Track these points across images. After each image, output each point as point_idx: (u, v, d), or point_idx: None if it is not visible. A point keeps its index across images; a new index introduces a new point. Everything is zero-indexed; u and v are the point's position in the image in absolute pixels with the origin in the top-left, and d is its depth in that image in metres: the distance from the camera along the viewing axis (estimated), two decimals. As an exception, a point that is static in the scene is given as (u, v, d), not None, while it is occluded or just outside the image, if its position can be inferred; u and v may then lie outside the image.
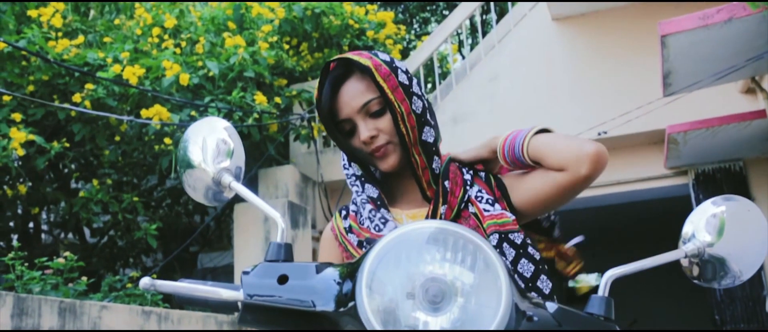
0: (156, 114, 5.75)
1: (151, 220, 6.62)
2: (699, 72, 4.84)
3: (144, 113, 5.81)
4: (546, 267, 1.36)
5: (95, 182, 6.34)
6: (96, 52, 6.18)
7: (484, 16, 10.55)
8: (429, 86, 8.60)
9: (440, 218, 1.33)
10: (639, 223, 9.06)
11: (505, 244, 1.34)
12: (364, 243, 1.40)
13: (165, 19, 6.65)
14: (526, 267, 1.33)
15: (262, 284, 0.95)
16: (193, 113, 6.11)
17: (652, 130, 5.98)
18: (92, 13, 7.23)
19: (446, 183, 1.39)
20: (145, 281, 0.92)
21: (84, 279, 5.12)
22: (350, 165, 1.45)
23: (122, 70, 5.86)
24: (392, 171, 1.40)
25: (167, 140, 5.95)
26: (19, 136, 5.33)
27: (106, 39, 6.58)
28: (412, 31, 13.20)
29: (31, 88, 6.05)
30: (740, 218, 1.11)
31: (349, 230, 1.45)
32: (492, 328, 0.80)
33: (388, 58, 1.39)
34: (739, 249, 1.11)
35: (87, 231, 7.53)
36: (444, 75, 8.67)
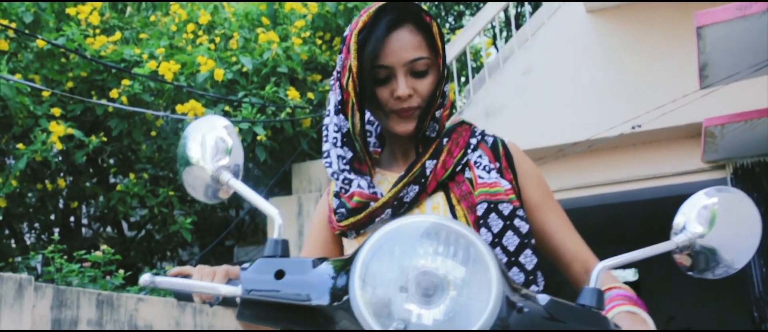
0: (191, 109, 5.83)
1: (186, 214, 6.71)
2: (737, 64, 4.75)
3: (179, 108, 5.89)
4: (533, 241, 1.30)
5: (132, 176, 6.45)
6: (132, 48, 6.29)
7: (518, 9, 10.48)
8: (462, 79, 8.57)
9: (428, 175, 1.30)
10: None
11: (492, 214, 1.28)
12: (336, 210, 1.36)
13: (200, 15, 6.73)
14: (510, 240, 1.28)
15: (259, 279, 0.96)
16: (227, 108, 6.19)
17: (689, 123, 5.88)
18: (129, 10, 7.35)
19: (445, 141, 1.34)
20: (145, 277, 0.93)
21: (121, 272, 5.22)
22: (338, 114, 1.35)
23: (158, 66, 5.95)
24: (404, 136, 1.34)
25: (202, 135, 6.02)
26: (58, 129, 5.45)
27: (142, 35, 6.69)
28: (447, 25, 13.16)
29: (70, 84, 6.18)
30: (732, 209, 1.11)
31: (336, 194, 1.38)
32: (482, 319, 0.81)
33: (436, 20, 1.34)
34: (731, 239, 1.10)
35: (125, 225, 7.67)
36: (477, 68, 8.63)
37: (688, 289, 10.18)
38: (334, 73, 1.37)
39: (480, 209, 1.29)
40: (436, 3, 12.60)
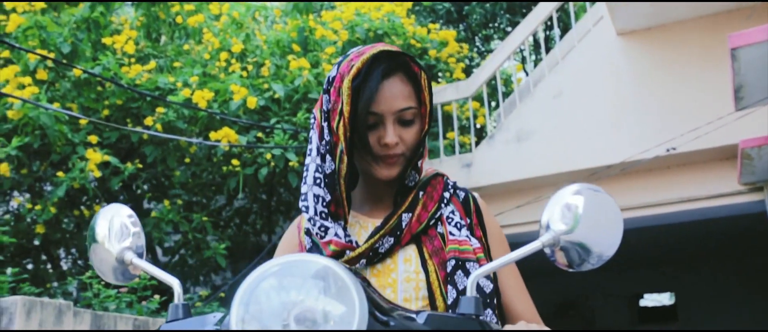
0: (224, 136, 5.91)
1: (220, 239, 6.77)
2: (772, 85, 4.70)
3: (212, 135, 5.97)
4: (495, 300, 1.33)
5: (166, 202, 6.53)
6: (167, 76, 6.40)
7: (547, 33, 10.47)
8: (493, 104, 8.57)
9: (403, 227, 1.34)
10: (711, 241, 8.80)
11: (459, 271, 1.31)
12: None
13: (232, 43, 6.83)
14: None
15: None
16: (259, 134, 6.25)
17: (724, 145, 5.81)
18: (163, 38, 7.49)
19: (420, 194, 1.37)
20: None
21: (157, 297, 5.27)
22: (321, 156, 1.36)
23: (192, 94, 6.04)
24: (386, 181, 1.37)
25: (235, 162, 6.10)
26: (95, 157, 5.55)
27: (176, 64, 6.80)
28: (475, 49, 13.19)
29: (105, 112, 6.30)
30: (592, 204, 1.16)
31: (307, 232, 1.40)
32: None
33: (425, 70, 1.38)
34: (595, 233, 1.15)
35: (159, 250, 7.76)
36: (507, 93, 8.63)
37: (724, 315, 9.99)
38: (315, 112, 1.38)
39: (449, 266, 1.31)
40: (464, 28, 12.64)
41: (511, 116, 6.88)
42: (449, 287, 1.29)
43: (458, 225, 1.36)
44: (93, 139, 5.80)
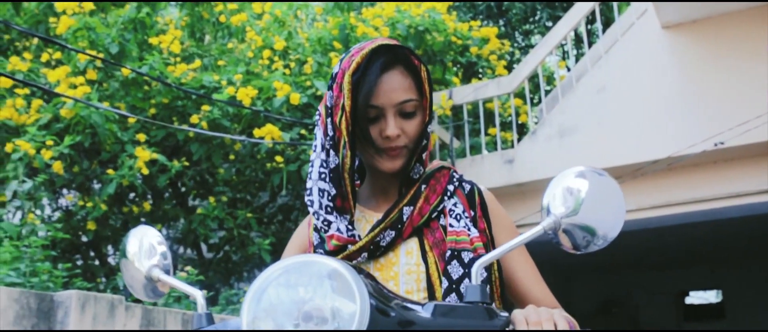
0: (268, 133, 5.98)
1: (263, 235, 6.85)
2: (825, 77, 4.59)
3: (256, 132, 6.05)
4: (495, 289, 1.35)
5: (212, 199, 6.63)
6: (211, 75, 6.50)
7: (589, 27, 10.36)
8: (535, 99, 8.51)
9: (404, 220, 1.36)
10: (760, 237, 8.62)
11: (454, 261, 1.33)
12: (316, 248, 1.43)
13: (274, 41, 6.91)
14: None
15: None
16: (302, 131, 6.31)
17: (774, 139, 5.70)
18: (207, 38, 7.60)
19: (423, 187, 1.39)
20: None
21: (204, 291, 5.36)
22: (325, 151, 1.38)
23: (236, 92, 6.13)
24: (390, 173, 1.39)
25: (279, 158, 6.17)
26: (144, 155, 5.67)
27: (220, 62, 6.90)
28: (516, 44, 13.11)
29: (152, 111, 6.43)
30: (593, 186, 1.17)
31: (316, 228, 1.44)
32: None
33: (423, 61, 1.39)
34: (598, 215, 1.16)
35: (204, 247, 7.88)
36: (549, 88, 8.57)
37: (774, 312, 9.79)
38: (320, 108, 1.40)
39: (447, 255, 1.33)
40: (504, 23, 12.57)
41: (554, 112, 6.83)
42: (443, 278, 1.32)
43: (458, 217, 1.38)
44: (141, 137, 5.93)
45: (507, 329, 1.07)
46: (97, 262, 7.23)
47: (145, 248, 1.33)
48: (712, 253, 9.92)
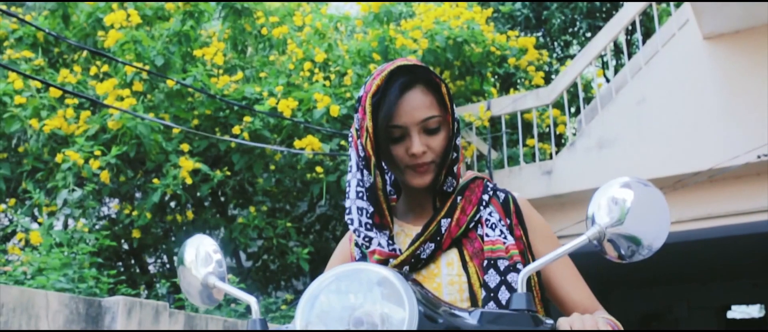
0: (308, 144, 6.06)
1: (302, 245, 6.93)
2: None
3: (297, 143, 6.14)
4: (532, 297, 1.35)
5: (252, 208, 6.74)
6: (253, 86, 6.61)
7: (629, 37, 10.28)
8: (573, 110, 8.49)
9: (443, 232, 1.39)
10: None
11: (491, 270, 1.35)
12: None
13: (315, 53, 7.00)
14: (504, 295, 1.33)
15: None
16: (342, 142, 6.39)
17: (818, 151, 5.61)
18: (249, 50, 7.74)
19: (458, 199, 1.42)
20: None
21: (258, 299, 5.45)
22: (361, 171, 1.42)
23: (277, 104, 6.23)
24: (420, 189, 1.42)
25: (318, 169, 6.25)
26: (187, 165, 5.80)
27: (262, 74, 7.02)
28: (554, 55, 13.06)
29: (195, 121, 6.56)
30: (638, 196, 1.18)
31: (357, 244, 1.48)
32: None
33: (443, 80, 1.43)
34: (643, 225, 1.17)
35: (242, 255, 7.99)
36: (588, 99, 8.53)
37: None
38: (352, 130, 1.45)
39: (485, 264, 1.36)
40: (543, 34, 12.54)
41: (593, 123, 6.80)
42: (482, 289, 1.35)
43: (493, 226, 1.41)
44: (185, 147, 6.06)
45: None
46: (137, 270, 7.39)
47: (202, 256, 1.39)
48: (755, 267, 9.74)
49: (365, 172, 1.41)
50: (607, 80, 8.51)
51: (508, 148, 7.64)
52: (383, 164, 1.45)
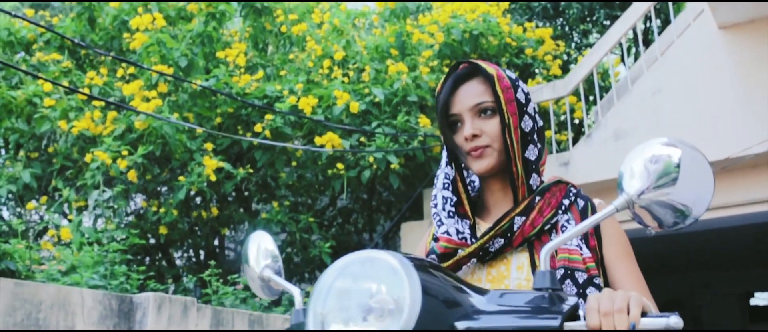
0: (328, 141, 6.20)
1: (324, 238, 7.08)
2: None
3: (317, 140, 6.27)
4: (556, 274, 1.32)
5: (275, 203, 6.90)
6: (274, 85, 6.76)
7: (646, 25, 10.28)
8: (590, 100, 8.54)
9: (515, 230, 1.39)
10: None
11: (568, 280, 1.35)
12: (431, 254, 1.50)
13: (334, 50, 7.13)
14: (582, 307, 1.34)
15: None
16: (362, 138, 6.51)
17: (835, 140, 5.64)
18: (270, 48, 7.88)
19: (537, 199, 1.43)
20: None
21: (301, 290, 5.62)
22: (448, 165, 1.51)
23: (297, 101, 6.37)
24: (484, 175, 1.47)
25: (339, 165, 6.38)
26: (211, 163, 5.96)
27: (282, 72, 7.16)
28: (573, 44, 13.07)
29: (218, 120, 6.73)
30: (681, 156, 1.09)
31: (436, 238, 1.50)
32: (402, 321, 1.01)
33: (513, 76, 1.49)
34: (685, 189, 1.08)
35: (266, 249, 8.15)
36: (605, 89, 8.58)
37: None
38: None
39: (558, 274, 1.35)
40: (561, 24, 12.55)
41: (609, 114, 6.86)
42: None
43: None
44: (208, 146, 6.22)
45: (564, 329, 1.04)
46: (165, 264, 7.59)
47: (261, 251, 1.52)
48: (775, 253, 9.75)
49: (452, 165, 1.51)
50: (627, 68, 8.51)
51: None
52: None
